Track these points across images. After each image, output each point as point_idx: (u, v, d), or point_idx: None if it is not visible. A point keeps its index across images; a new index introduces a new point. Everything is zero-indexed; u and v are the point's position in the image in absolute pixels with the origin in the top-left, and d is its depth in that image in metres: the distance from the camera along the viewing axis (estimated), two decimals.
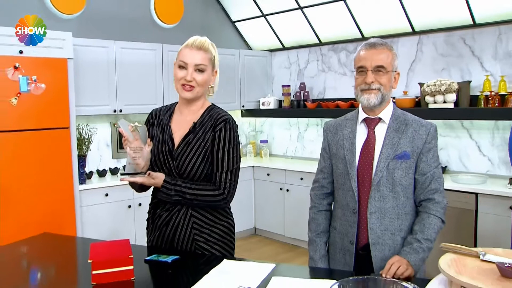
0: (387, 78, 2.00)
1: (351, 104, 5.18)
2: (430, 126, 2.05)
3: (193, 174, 2.04)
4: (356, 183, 2.02)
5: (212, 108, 2.15)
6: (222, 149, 2.05)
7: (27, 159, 3.94)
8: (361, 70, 2.02)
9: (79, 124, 4.54)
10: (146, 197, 4.59)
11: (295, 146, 6.13)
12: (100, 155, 5.07)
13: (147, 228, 2.23)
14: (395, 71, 2.06)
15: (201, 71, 2.04)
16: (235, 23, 6.16)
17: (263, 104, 6.00)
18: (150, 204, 2.21)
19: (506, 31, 4.23)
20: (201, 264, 1.96)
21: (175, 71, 2.09)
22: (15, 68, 3.82)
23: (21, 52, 3.87)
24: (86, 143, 4.60)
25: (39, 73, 3.97)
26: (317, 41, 5.65)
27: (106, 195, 4.53)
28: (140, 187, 2.17)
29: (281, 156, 6.28)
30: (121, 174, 2.00)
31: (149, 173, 1.98)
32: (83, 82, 4.55)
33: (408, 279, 1.81)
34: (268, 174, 5.60)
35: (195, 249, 2.07)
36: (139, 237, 4.70)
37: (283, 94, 5.94)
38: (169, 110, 2.20)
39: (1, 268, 2.02)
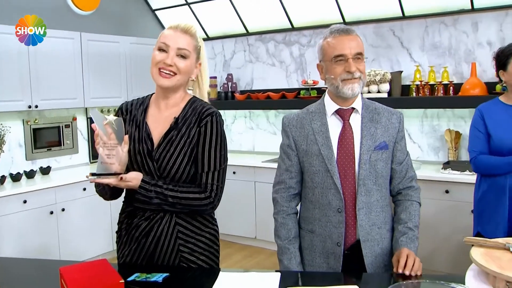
0: (364, 65, 1.87)
1: (283, 95, 5.07)
2: (399, 113, 1.98)
3: (178, 177, 1.77)
4: (339, 180, 1.85)
5: (194, 101, 1.86)
6: (208, 146, 1.78)
7: None
8: (340, 59, 1.83)
9: None
10: (69, 201, 4.17)
11: None
12: (11, 156, 4.45)
13: (117, 242, 1.91)
14: (366, 58, 1.95)
15: (183, 57, 1.77)
16: (155, 12, 5.75)
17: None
18: (121, 214, 1.89)
19: (433, 23, 4.36)
20: (195, 279, 1.70)
21: (153, 55, 1.79)
22: None
23: None
24: None
25: None
26: (244, 31, 5.45)
27: (24, 201, 3.98)
28: (111, 195, 1.84)
29: None
30: (91, 174, 1.67)
31: (121, 177, 1.67)
32: None
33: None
34: (233, 173, 5.29)
35: (179, 262, 1.79)
36: (65, 250, 4.23)
37: (209, 86, 5.65)
38: (142, 104, 1.89)
39: None
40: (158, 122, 1.83)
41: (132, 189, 1.74)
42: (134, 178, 1.71)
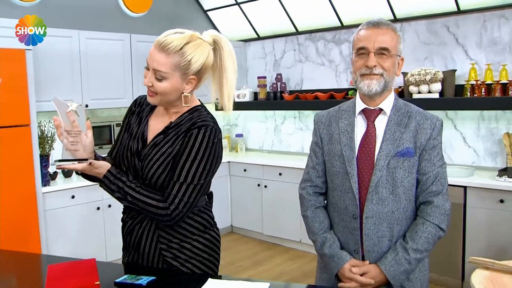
0: (391, 62, 1.71)
1: (331, 95, 4.92)
2: (436, 120, 1.77)
3: (154, 181, 1.69)
4: (357, 184, 1.74)
5: (197, 110, 1.76)
6: (186, 157, 1.66)
7: None
8: (361, 52, 1.72)
9: (40, 121, 4.14)
10: None
11: (272, 139, 5.85)
12: None
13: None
14: (399, 56, 1.77)
15: (159, 79, 1.64)
16: (207, 12, 5.81)
17: (237, 96, 5.68)
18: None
19: (491, 17, 4.03)
20: (183, 285, 1.65)
21: None
22: None
23: None
24: (49, 141, 4.19)
25: None
26: (294, 30, 5.36)
27: (73, 197, 4.15)
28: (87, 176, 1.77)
29: (257, 150, 6.00)
30: (59, 161, 1.61)
31: (90, 162, 1.62)
32: (45, 76, 4.13)
33: None
34: (244, 170, 5.31)
35: (163, 265, 1.74)
36: (111, 245, 4.36)
37: (258, 86, 5.64)
38: None
39: None
40: (157, 123, 1.79)
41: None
42: (101, 166, 1.66)
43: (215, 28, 5.89)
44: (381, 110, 1.78)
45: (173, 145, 1.69)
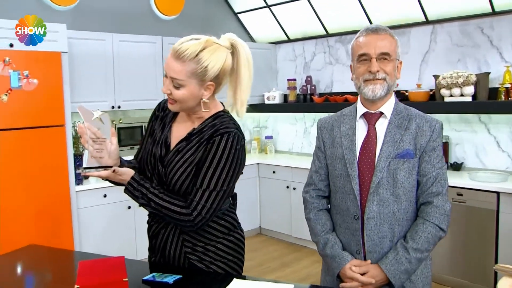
0: (392, 66, 1.77)
1: None
2: (436, 122, 1.81)
3: (178, 187, 1.71)
4: (358, 186, 1.78)
5: (220, 116, 1.77)
6: (209, 164, 1.66)
7: (19, 159, 3.67)
8: (363, 58, 1.77)
9: (74, 122, 4.26)
10: None
11: (301, 142, 5.85)
12: None
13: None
14: (398, 60, 1.81)
15: (176, 87, 1.65)
16: (238, 15, 5.86)
17: (267, 98, 5.71)
18: None
19: None
20: (208, 284, 1.69)
21: None
22: (5, 62, 3.54)
23: (11, 45, 3.58)
24: None
25: (31, 68, 3.68)
26: (324, 32, 5.35)
27: (105, 196, 4.26)
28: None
29: (286, 152, 6.01)
30: (84, 168, 1.65)
31: (114, 170, 1.65)
32: (79, 77, 4.27)
33: None
34: (273, 172, 5.33)
35: (189, 265, 1.77)
36: (140, 243, 4.45)
37: (288, 88, 5.65)
38: None
39: None
40: (180, 129, 1.80)
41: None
42: (125, 173, 1.68)
43: (246, 30, 5.94)
44: (381, 113, 1.83)
45: (196, 152, 1.70)
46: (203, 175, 1.66)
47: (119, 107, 4.56)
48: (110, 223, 4.31)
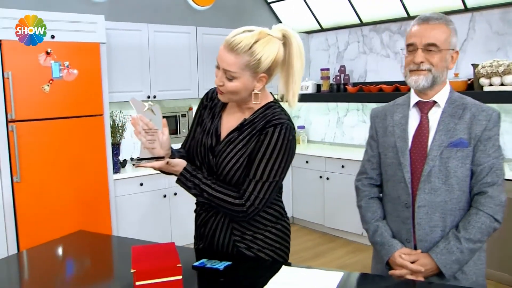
0: (440, 57, 1.74)
1: (396, 88, 4.84)
2: (492, 111, 1.77)
3: (229, 178, 1.73)
4: (409, 174, 1.78)
5: (271, 106, 1.77)
6: (261, 156, 1.68)
7: (60, 148, 3.78)
8: (411, 48, 1.77)
9: (112, 111, 4.35)
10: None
11: (334, 132, 5.84)
12: (133, 142, 4.87)
13: (194, 225, 2.00)
14: (453, 50, 1.78)
15: (229, 79, 1.67)
16: (271, 4, 5.84)
17: (300, 88, 5.69)
18: None
19: None
20: (257, 271, 1.72)
21: None
22: (47, 53, 3.64)
23: (52, 37, 3.68)
24: (120, 130, 4.41)
25: (71, 59, 3.77)
26: (358, 21, 5.29)
27: (141, 184, 4.35)
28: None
29: (319, 143, 6.00)
30: (138, 160, 1.68)
31: (168, 162, 1.68)
32: (115, 68, 4.35)
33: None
34: (306, 162, 5.33)
35: (237, 253, 1.81)
36: (176, 231, 4.55)
37: (321, 78, 5.63)
38: None
39: (37, 269, 1.83)
40: (231, 119, 1.81)
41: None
42: (178, 164, 1.71)
43: (278, 20, 5.92)
44: (435, 102, 1.82)
45: (248, 143, 1.72)
46: (256, 166, 1.68)
47: (154, 97, 4.63)
48: (146, 211, 4.39)
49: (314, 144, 5.97)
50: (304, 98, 5.60)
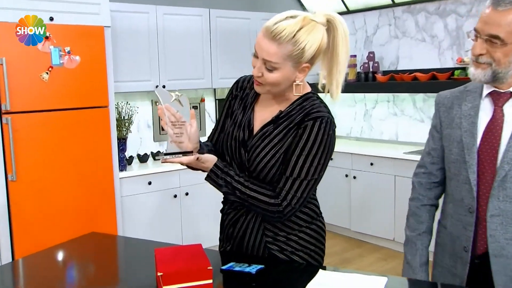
0: (504, 52, 1.60)
1: (432, 76, 4.82)
2: None
3: (263, 175, 1.75)
4: (476, 175, 1.71)
5: (309, 98, 1.78)
6: (299, 152, 1.69)
7: (61, 143, 3.81)
8: (475, 34, 1.65)
9: (118, 103, 4.39)
10: (194, 185, 4.37)
11: (361, 126, 5.84)
12: (140, 137, 4.93)
13: (220, 225, 2.01)
14: None
15: (269, 70, 1.67)
16: None
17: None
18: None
19: None
20: (292, 274, 1.74)
21: None
22: (46, 38, 3.65)
23: (51, 19, 3.69)
24: (126, 124, 4.45)
25: (73, 44, 3.80)
26: (390, 2, 5.28)
27: (149, 183, 4.39)
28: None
29: (344, 137, 6.01)
30: (165, 154, 1.70)
31: (198, 157, 1.70)
32: (121, 54, 4.38)
33: None
34: (331, 158, 5.29)
35: (268, 255, 1.83)
36: (187, 234, 4.59)
37: (348, 66, 5.58)
38: None
39: (43, 276, 1.86)
40: (265, 110, 1.82)
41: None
42: (208, 160, 1.73)
43: (299, 1, 5.92)
44: (511, 94, 1.70)
45: (285, 137, 1.73)
46: (294, 163, 1.70)
47: (163, 86, 4.62)
48: (155, 212, 4.43)
49: (339, 139, 5.72)
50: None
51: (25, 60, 3.60)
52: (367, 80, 5.46)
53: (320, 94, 1.83)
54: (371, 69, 5.45)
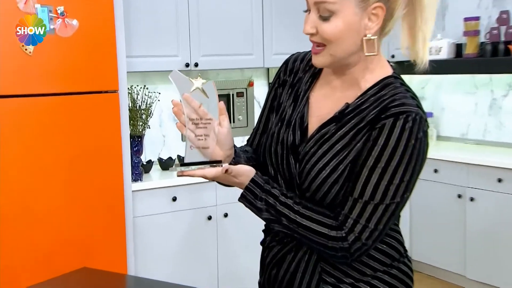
0: None
1: None
2: None
3: (321, 196, 1.70)
4: None
5: (389, 84, 1.72)
6: (373, 163, 1.63)
7: (54, 140, 3.75)
8: None
9: (131, 86, 4.33)
10: (236, 203, 4.26)
11: (484, 123, 5.62)
12: (163, 135, 4.90)
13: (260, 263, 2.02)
14: None
15: (325, 17, 1.63)
16: None
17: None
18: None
19: None
20: None
21: None
22: None
23: None
24: (144, 116, 4.40)
25: (68, 2, 3.74)
26: None
27: (174, 199, 4.34)
28: None
29: (457, 140, 5.84)
30: (181, 165, 1.69)
31: (227, 170, 1.66)
32: (136, 24, 4.36)
33: None
34: (435, 171, 5.17)
35: None
36: (226, 271, 4.50)
37: (465, 34, 5.38)
38: (315, 67, 1.84)
39: None
40: (324, 101, 1.80)
41: None
42: (243, 173, 1.70)
43: None
44: None
45: (353, 141, 1.68)
46: (365, 180, 1.63)
47: (196, 65, 4.62)
48: (181, 240, 4.39)
49: (448, 143, 5.87)
50: (432, 67, 5.34)
51: (1, 25, 3.59)
52: (495, 55, 5.18)
53: (425, 77, 1.69)
54: (502, 38, 5.16)
